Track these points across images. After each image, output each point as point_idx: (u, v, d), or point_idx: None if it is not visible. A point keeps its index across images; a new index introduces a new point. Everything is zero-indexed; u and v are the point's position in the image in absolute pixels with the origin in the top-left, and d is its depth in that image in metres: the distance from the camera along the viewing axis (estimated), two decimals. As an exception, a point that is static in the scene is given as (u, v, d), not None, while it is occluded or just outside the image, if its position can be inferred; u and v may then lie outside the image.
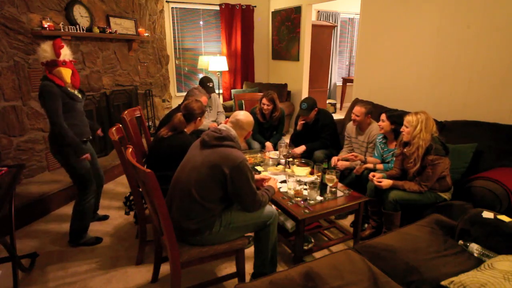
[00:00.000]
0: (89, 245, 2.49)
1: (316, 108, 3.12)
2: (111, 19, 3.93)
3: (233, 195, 1.72)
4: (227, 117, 3.66)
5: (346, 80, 7.22)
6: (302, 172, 2.57)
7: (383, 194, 2.35)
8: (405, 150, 2.31)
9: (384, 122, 2.58)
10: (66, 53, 2.28)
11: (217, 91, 5.24)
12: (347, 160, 2.81)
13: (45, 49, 2.20)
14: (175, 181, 1.80)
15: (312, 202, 2.14)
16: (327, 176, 2.23)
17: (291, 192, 2.26)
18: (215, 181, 1.68)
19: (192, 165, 1.75)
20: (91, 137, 2.53)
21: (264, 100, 3.27)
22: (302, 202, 2.15)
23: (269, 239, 1.87)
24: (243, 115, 1.91)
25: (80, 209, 2.42)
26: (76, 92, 2.33)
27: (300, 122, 3.19)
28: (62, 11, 3.31)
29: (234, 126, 1.87)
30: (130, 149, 1.82)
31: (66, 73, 2.24)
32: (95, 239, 2.54)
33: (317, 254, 2.28)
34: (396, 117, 2.53)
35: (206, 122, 3.52)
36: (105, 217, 2.88)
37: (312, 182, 2.18)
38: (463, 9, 2.85)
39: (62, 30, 3.16)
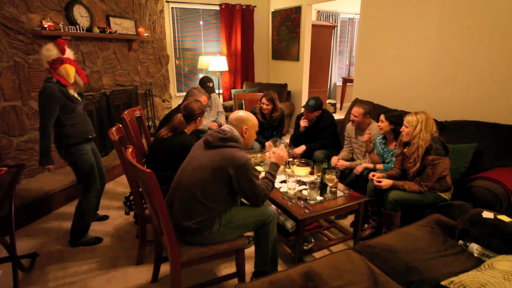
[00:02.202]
0: (89, 245, 2.50)
1: (320, 111, 3.12)
2: (111, 19, 3.93)
3: (239, 191, 1.77)
4: (227, 117, 3.66)
5: (346, 80, 7.22)
6: (302, 172, 2.57)
7: (383, 194, 2.35)
8: (405, 150, 2.31)
9: (383, 123, 2.58)
10: (69, 53, 2.30)
11: (217, 91, 5.24)
12: (347, 160, 2.81)
13: (49, 48, 2.21)
14: (177, 181, 1.81)
15: (312, 202, 2.14)
16: (327, 176, 2.23)
17: (291, 192, 2.26)
18: (220, 181, 1.70)
19: (195, 165, 1.75)
20: (95, 135, 2.56)
21: (264, 100, 3.27)
22: (302, 202, 2.15)
23: (269, 237, 1.87)
24: (236, 111, 1.94)
25: (82, 208, 2.43)
26: (75, 94, 2.36)
27: (303, 125, 3.18)
28: (62, 11, 3.31)
29: (229, 123, 1.89)
30: (130, 149, 1.82)
31: (71, 70, 2.27)
32: (95, 239, 2.54)
33: (317, 254, 2.29)
34: (395, 117, 2.53)
35: (206, 122, 3.52)
36: (105, 217, 2.88)
37: (312, 182, 2.18)
38: (463, 9, 2.85)
39: (62, 30, 3.16)
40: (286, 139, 3.71)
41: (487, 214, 1.72)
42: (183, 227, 1.71)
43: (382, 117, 2.59)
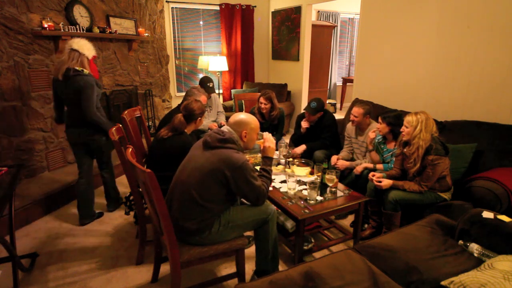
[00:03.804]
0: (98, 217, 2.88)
1: (322, 112, 3.12)
2: (111, 19, 3.93)
3: (237, 193, 1.77)
4: (227, 117, 3.66)
5: (346, 80, 7.22)
6: (302, 172, 2.57)
7: (383, 194, 2.35)
8: (405, 150, 2.31)
9: (381, 125, 2.58)
10: (91, 48, 2.60)
11: (217, 91, 5.24)
12: (347, 160, 2.81)
13: (90, 47, 2.57)
14: (175, 182, 1.81)
15: (312, 202, 2.14)
16: (327, 176, 2.23)
17: (291, 192, 2.26)
18: (217, 182, 1.69)
19: (193, 166, 1.75)
20: None
21: (262, 99, 3.27)
22: (302, 202, 2.15)
23: (269, 236, 1.87)
24: (236, 114, 1.92)
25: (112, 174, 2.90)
26: None
27: (304, 126, 3.18)
28: (62, 11, 3.31)
29: (228, 126, 1.89)
30: (130, 149, 1.82)
31: None
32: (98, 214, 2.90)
33: (317, 254, 2.29)
34: (392, 118, 2.53)
35: (206, 122, 3.52)
36: (101, 214, 2.92)
37: (312, 182, 2.18)
38: (463, 9, 2.85)
39: (62, 30, 3.16)
40: (286, 139, 3.71)
41: (487, 214, 1.72)
42: (182, 227, 1.71)
43: (379, 119, 2.59)
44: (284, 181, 2.44)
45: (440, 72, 3.10)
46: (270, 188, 2.14)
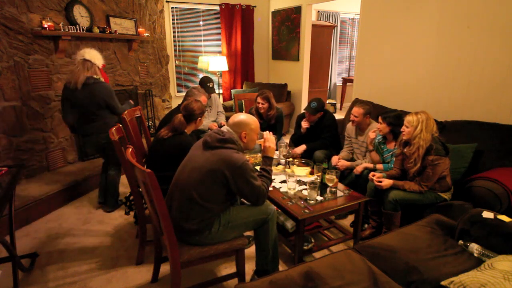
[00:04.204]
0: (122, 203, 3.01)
1: (322, 112, 3.12)
2: (111, 19, 3.93)
3: (237, 192, 1.76)
4: (227, 117, 3.67)
5: (346, 80, 7.22)
6: (302, 172, 2.57)
7: (383, 194, 2.35)
8: (405, 150, 2.31)
9: (381, 125, 2.58)
10: (99, 57, 2.78)
11: (217, 91, 5.24)
12: (347, 160, 2.81)
13: (100, 57, 2.79)
14: (175, 181, 1.81)
15: (312, 202, 2.14)
16: (327, 176, 2.23)
17: (291, 192, 2.26)
18: (216, 183, 1.69)
19: (193, 165, 1.75)
20: None
21: (259, 99, 3.27)
22: (302, 202, 2.15)
23: (269, 236, 1.87)
24: (236, 114, 1.92)
25: (117, 177, 2.97)
26: None
27: (305, 126, 3.18)
28: (62, 11, 3.31)
29: (228, 125, 1.89)
30: (130, 149, 1.82)
31: None
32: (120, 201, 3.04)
33: (317, 254, 2.29)
34: (392, 118, 2.53)
35: (206, 122, 3.52)
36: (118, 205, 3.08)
37: (312, 182, 2.18)
38: (463, 9, 2.85)
39: (62, 30, 3.16)
40: (286, 139, 3.71)
41: (487, 214, 1.72)
42: (182, 227, 1.71)
43: (380, 119, 2.59)
44: (284, 181, 2.44)
45: (440, 72, 3.10)
46: (270, 188, 2.14)
